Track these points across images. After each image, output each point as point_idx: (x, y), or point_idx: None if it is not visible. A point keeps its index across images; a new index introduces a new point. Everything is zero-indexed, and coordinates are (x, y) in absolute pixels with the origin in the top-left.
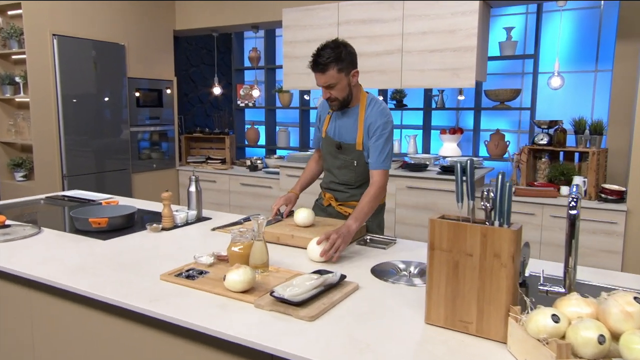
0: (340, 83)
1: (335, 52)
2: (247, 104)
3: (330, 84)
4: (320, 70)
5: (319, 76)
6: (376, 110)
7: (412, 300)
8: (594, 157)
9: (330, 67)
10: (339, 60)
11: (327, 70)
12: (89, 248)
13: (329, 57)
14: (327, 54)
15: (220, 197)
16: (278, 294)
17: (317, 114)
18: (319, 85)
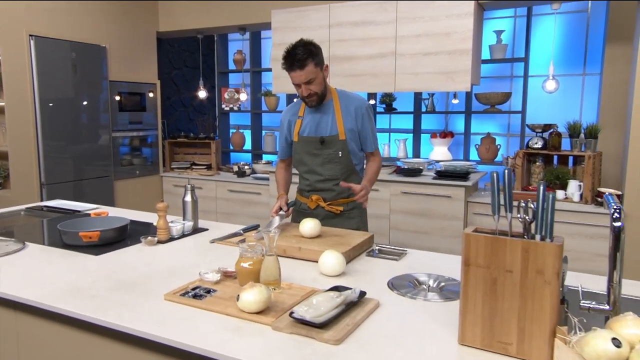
0: (318, 77)
1: (309, 48)
2: (232, 107)
3: (310, 79)
4: (299, 67)
5: (298, 74)
6: (356, 99)
7: (438, 318)
8: (589, 160)
9: (307, 62)
10: (313, 55)
11: (306, 66)
12: (82, 265)
13: (305, 53)
14: (302, 50)
15: (207, 204)
16: (298, 315)
17: (282, 127)
18: (298, 82)
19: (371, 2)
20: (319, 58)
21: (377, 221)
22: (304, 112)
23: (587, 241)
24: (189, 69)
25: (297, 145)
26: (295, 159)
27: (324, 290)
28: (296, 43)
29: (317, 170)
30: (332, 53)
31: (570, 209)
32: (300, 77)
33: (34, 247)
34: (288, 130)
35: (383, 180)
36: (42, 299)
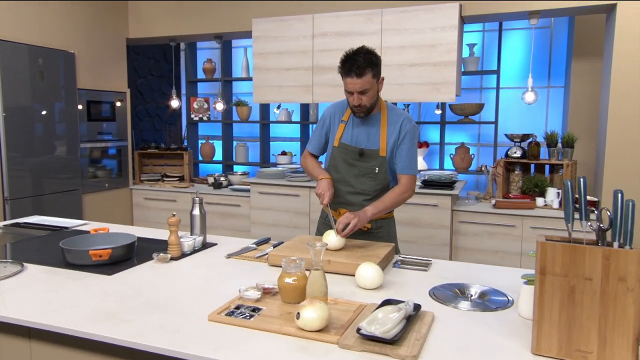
0: (373, 89)
1: (370, 57)
2: (201, 117)
3: (365, 89)
4: (357, 75)
5: (354, 81)
6: (404, 115)
7: (497, 328)
8: (568, 169)
9: (367, 71)
10: (374, 65)
11: (364, 75)
12: (97, 286)
13: (365, 62)
14: (363, 58)
15: (181, 217)
16: (367, 332)
17: (324, 121)
18: (352, 90)
19: (356, 13)
20: (378, 69)
21: None
22: (349, 117)
23: None
24: (154, 78)
25: (335, 151)
26: (330, 164)
27: (374, 304)
28: (358, 49)
29: (350, 181)
30: (315, 63)
31: (550, 216)
32: (356, 85)
33: (34, 269)
34: (330, 128)
35: None
36: (68, 324)
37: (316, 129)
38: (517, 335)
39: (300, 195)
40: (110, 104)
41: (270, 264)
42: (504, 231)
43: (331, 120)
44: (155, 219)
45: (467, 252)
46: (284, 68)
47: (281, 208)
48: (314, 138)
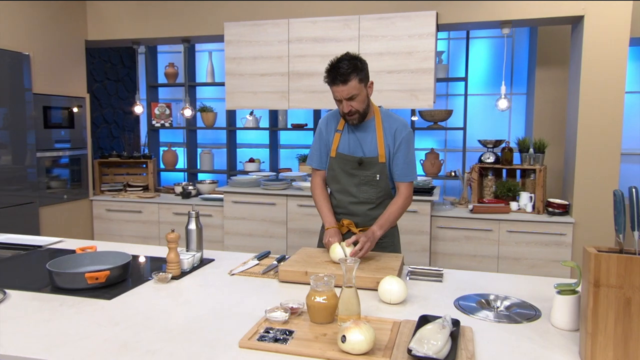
0: (361, 94)
1: (354, 62)
2: (163, 124)
3: (352, 95)
4: (342, 82)
5: (340, 88)
6: (399, 121)
7: (540, 340)
8: (540, 173)
9: (351, 77)
10: (359, 70)
11: (349, 81)
12: (100, 312)
13: (349, 68)
14: (347, 64)
15: (148, 229)
16: (420, 353)
17: (320, 133)
18: (340, 98)
19: (333, 19)
20: (364, 74)
21: None
22: (344, 126)
23: (542, 248)
24: (111, 82)
25: (333, 162)
26: (329, 175)
27: (407, 320)
28: (341, 56)
29: (351, 191)
30: (291, 69)
31: (525, 219)
32: (343, 93)
33: (18, 295)
34: (327, 140)
35: None
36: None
37: (314, 143)
38: (561, 348)
39: (277, 203)
40: (69, 110)
41: (280, 280)
42: (481, 235)
43: (327, 131)
44: (119, 232)
45: (445, 257)
46: (258, 74)
47: (257, 217)
48: (314, 153)
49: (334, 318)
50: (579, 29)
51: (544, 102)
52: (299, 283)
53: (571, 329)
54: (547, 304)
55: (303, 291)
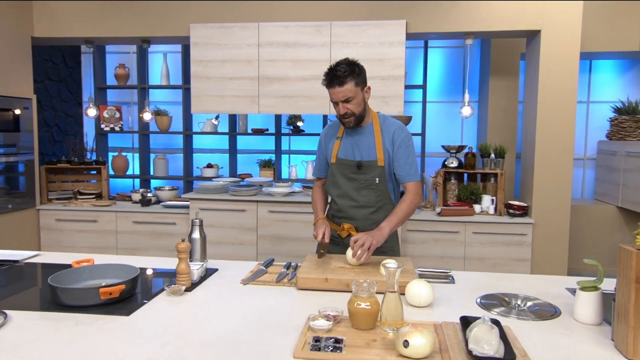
0: (357, 97)
1: (351, 66)
2: (112, 127)
3: (348, 97)
4: (338, 84)
5: (337, 90)
6: (396, 124)
7: (575, 336)
8: (502, 177)
9: (347, 80)
10: (355, 73)
11: (345, 84)
12: (124, 329)
13: (346, 71)
14: (344, 68)
15: (104, 239)
16: (480, 353)
17: (320, 145)
18: (336, 100)
19: (304, 24)
20: (361, 78)
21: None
22: (343, 133)
23: (505, 248)
24: (52, 83)
25: (333, 167)
26: (329, 181)
27: (447, 322)
28: (340, 60)
29: (351, 195)
30: (262, 73)
31: (488, 221)
32: (339, 95)
33: (20, 316)
34: (326, 149)
35: None
36: None
37: (317, 156)
38: (595, 341)
39: (247, 210)
40: (14, 112)
41: (299, 287)
42: (448, 237)
43: (326, 141)
44: (70, 243)
45: (414, 259)
46: (226, 77)
47: (225, 224)
48: (317, 164)
49: (376, 324)
50: (535, 42)
51: (497, 110)
52: (318, 290)
53: (594, 323)
54: (559, 301)
55: (323, 298)
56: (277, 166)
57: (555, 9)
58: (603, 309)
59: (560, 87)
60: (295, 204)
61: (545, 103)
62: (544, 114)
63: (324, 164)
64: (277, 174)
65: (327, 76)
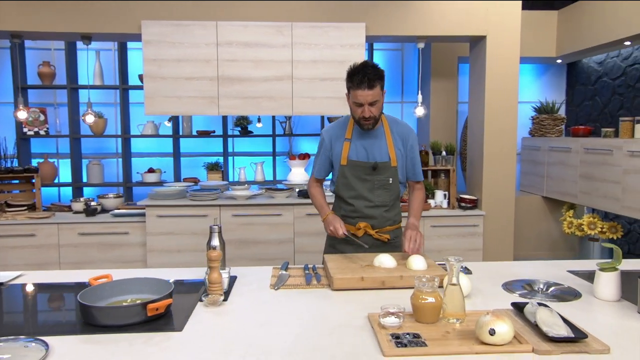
0: (380, 101)
1: (378, 69)
2: (37, 131)
3: (375, 100)
4: (368, 87)
5: (366, 93)
6: (404, 125)
7: (608, 312)
8: (454, 173)
9: (377, 83)
10: (382, 77)
11: (375, 87)
12: (193, 345)
13: (375, 74)
14: (373, 70)
15: (44, 254)
16: (556, 334)
17: (324, 145)
18: (363, 102)
19: (265, 24)
20: (383, 81)
21: (280, 247)
22: (352, 134)
23: (459, 239)
24: None
25: (345, 169)
26: (340, 182)
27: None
28: (365, 62)
29: (366, 196)
30: (221, 73)
31: (442, 214)
32: (368, 97)
33: (57, 342)
34: (332, 150)
35: (286, 204)
36: None
37: (318, 155)
38: (627, 316)
39: (209, 214)
40: None
41: (334, 288)
42: None
43: (332, 142)
44: (3, 261)
45: None
46: (183, 77)
47: (186, 231)
48: (318, 164)
49: (439, 317)
50: (480, 46)
51: (438, 110)
52: (352, 290)
53: (615, 300)
54: (570, 283)
55: (361, 297)
56: (226, 169)
57: (498, 16)
58: (621, 287)
59: (504, 89)
60: (259, 207)
61: (491, 104)
62: (491, 114)
63: (327, 165)
64: (225, 176)
65: (355, 77)
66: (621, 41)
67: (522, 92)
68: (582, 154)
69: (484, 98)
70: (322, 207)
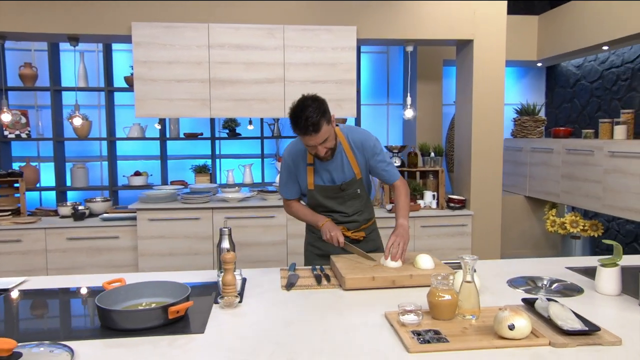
0: (331, 134)
1: (317, 105)
2: (18, 134)
3: (325, 138)
4: (314, 131)
5: (313, 137)
6: (360, 134)
7: (612, 306)
8: (442, 174)
9: (321, 122)
10: (325, 112)
11: (321, 128)
12: (216, 347)
13: (317, 114)
14: (313, 111)
15: (31, 260)
16: (571, 327)
17: (288, 167)
18: (312, 144)
19: (256, 26)
20: (327, 114)
21: (273, 248)
22: (313, 159)
23: (448, 239)
24: None
25: (313, 193)
26: (311, 203)
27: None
28: (303, 102)
29: (339, 209)
30: (213, 75)
31: (432, 215)
32: (317, 140)
33: (84, 347)
34: (297, 173)
35: (278, 206)
36: None
37: (284, 176)
38: (630, 309)
39: (202, 218)
40: None
41: (345, 288)
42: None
43: (296, 166)
44: None
45: None
46: (174, 79)
47: (178, 235)
48: (287, 186)
49: (455, 313)
50: (467, 49)
51: (424, 112)
52: (364, 289)
53: (616, 294)
54: (571, 279)
55: (373, 296)
56: (214, 171)
57: (485, 20)
58: (622, 281)
59: (491, 91)
60: (252, 209)
61: (478, 106)
62: (478, 116)
63: (297, 187)
64: (214, 179)
65: (298, 125)
66: (599, 46)
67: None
68: (564, 155)
69: (472, 100)
70: (315, 216)
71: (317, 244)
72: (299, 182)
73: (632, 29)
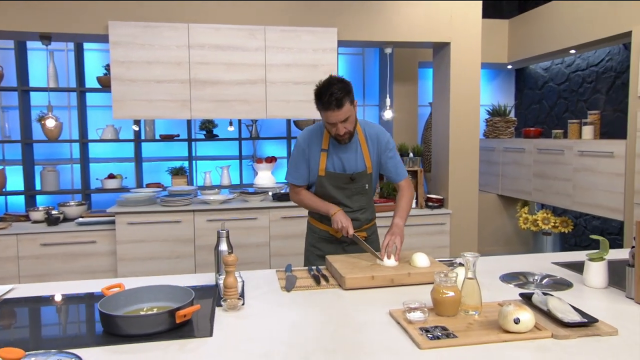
0: (352, 115)
1: (343, 85)
2: None
3: (347, 116)
4: (337, 107)
5: (335, 113)
6: (376, 129)
7: (599, 297)
8: (421, 174)
9: (345, 100)
10: (349, 92)
11: (343, 105)
12: (227, 350)
13: (342, 92)
14: (339, 88)
15: (1, 268)
16: (571, 320)
17: (302, 151)
18: (335, 121)
19: (237, 27)
20: (352, 95)
21: (257, 250)
22: (328, 144)
23: (427, 237)
24: None
25: (323, 180)
26: (318, 191)
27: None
28: (330, 80)
29: (344, 202)
30: (193, 76)
31: (412, 214)
32: (339, 116)
33: (91, 354)
34: (310, 158)
35: (261, 208)
36: None
37: (295, 160)
38: (617, 301)
39: (183, 220)
40: None
41: (346, 288)
42: (381, 232)
43: (310, 150)
44: None
45: None
46: (154, 80)
47: (158, 238)
48: (296, 170)
49: (458, 310)
50: (444, 52)
51: (400, 113)
52: (363, 288)
53: (603, 287)
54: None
55: (373, 294)
56: (190, 173)
57: (461, 23)
58: (609, 275)
59: (468, 93)
60: (234, 211)
61: (455, 107)
62: (456, 117)
63: (306, 172)
64: (190, 181)
65: (322, 99)
66: (567, 50)
67: None
68: (535, 154)
69: (449, 101)
70: (326, 205)
71: (319, 245)
72: (310, 167)
73: (597, 33)
